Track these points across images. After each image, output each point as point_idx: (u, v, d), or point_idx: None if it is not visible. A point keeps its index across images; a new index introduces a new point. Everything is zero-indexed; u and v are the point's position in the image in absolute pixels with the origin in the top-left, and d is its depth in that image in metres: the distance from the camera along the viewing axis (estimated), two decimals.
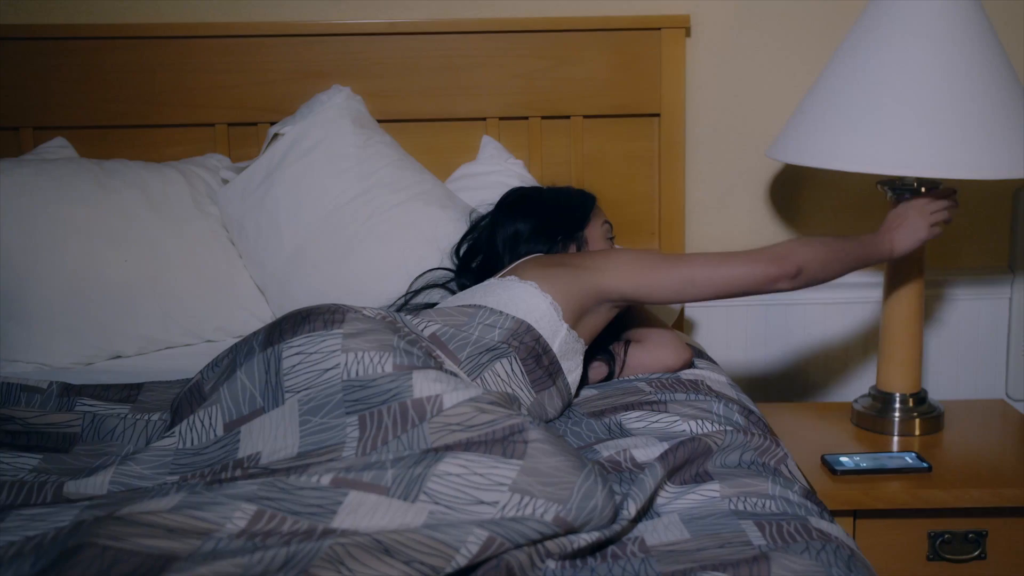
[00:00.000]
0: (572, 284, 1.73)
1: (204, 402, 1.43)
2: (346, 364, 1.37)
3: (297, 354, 1.40)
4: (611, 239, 2.01)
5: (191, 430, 1.40)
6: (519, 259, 1.88)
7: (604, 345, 1.90)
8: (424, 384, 1.34)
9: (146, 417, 1.60)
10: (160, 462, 1.37)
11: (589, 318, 1.77)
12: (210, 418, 1.40)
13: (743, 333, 2.50)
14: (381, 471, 1.20)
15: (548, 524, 1.18)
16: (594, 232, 1.97)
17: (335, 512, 1.15)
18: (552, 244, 1.92)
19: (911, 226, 1.97)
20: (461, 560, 1.10)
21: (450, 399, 1.32)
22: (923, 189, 2.05)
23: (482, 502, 1.19)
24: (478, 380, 1.56)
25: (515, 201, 2.01)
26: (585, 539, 1.20)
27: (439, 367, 1.41)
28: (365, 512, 1.16)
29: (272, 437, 1.35)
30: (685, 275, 1.75)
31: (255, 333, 1.47)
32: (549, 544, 1.17)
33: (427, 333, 1.58)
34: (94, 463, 1.47)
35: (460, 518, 1.17)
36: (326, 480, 1.18)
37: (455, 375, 1.41)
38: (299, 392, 1.37)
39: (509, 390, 1.59)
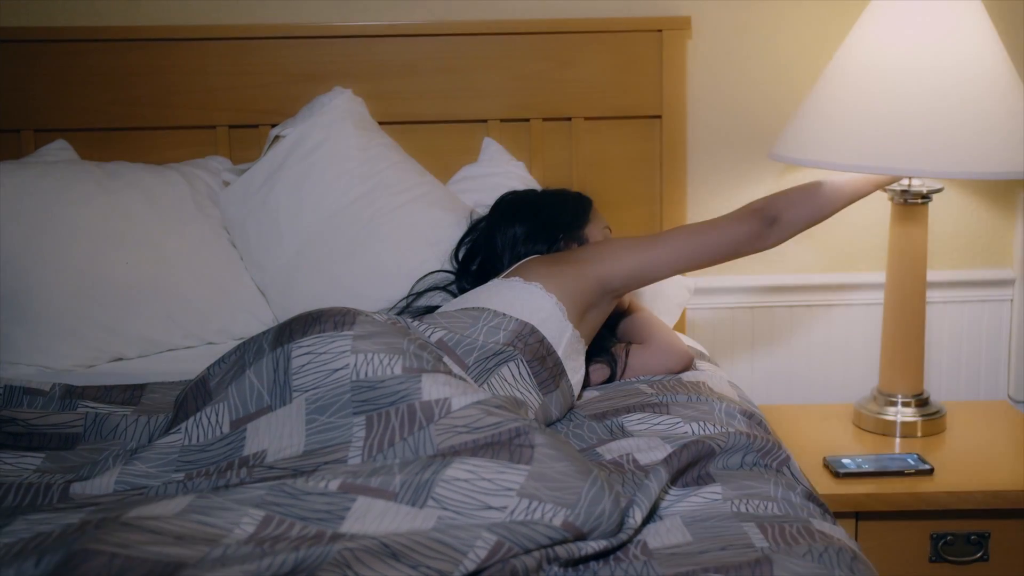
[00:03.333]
0: (575, 280, 1.73)
1: (211, 399, 1.43)
2: (355, 365, 1.37)
3: (307, 354, 1.40)
4: None
5: (197, 427, 1.40)
6: (519, 260, 1.88)
7: (603, 346, 1.90)
8: (433, 387, 1.34)
9: (147, 416, 1.60)
10: (166, 460, 1.37)
11: (591, 314, 1.78)
12: (217, 415, 1.40)
13: (745, 334, 2.50)
14: (389, 476, 1.20)
15: (557, 529, 1.18)
16: (594, 233, 1.97)
17: (343, 518, 1.15)
18: (553, 243, 1.92)
19: None
20: (469, 564, 1.10)
21: (458, 402, 1.32)
22: (924, 191, 2.06)
23: (490, 507, 1.19)
24: (485, 385, 1.56)
25: (512, 202, 2.01)
26: (593, 546, 1.20)
27: (448, 372, 1.41)
28: (373, 518, 1.16)
29: (278, 435, 1.36)
30: (678, 247, 1.80)
31: (264, 333, 1.47)
32: (558, 549, 1.17)
33: (434, 339, 1.58)
34: (98, 458, 1.47)
35: (468, 523, 1.17)
36: (334, 485, 1.18)
37: (463, 380, 1.41)
38: (307, 391, 1.37)
39: (517, 393, 1.59)
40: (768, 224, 1.82)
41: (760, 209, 1.84)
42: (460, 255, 2.04)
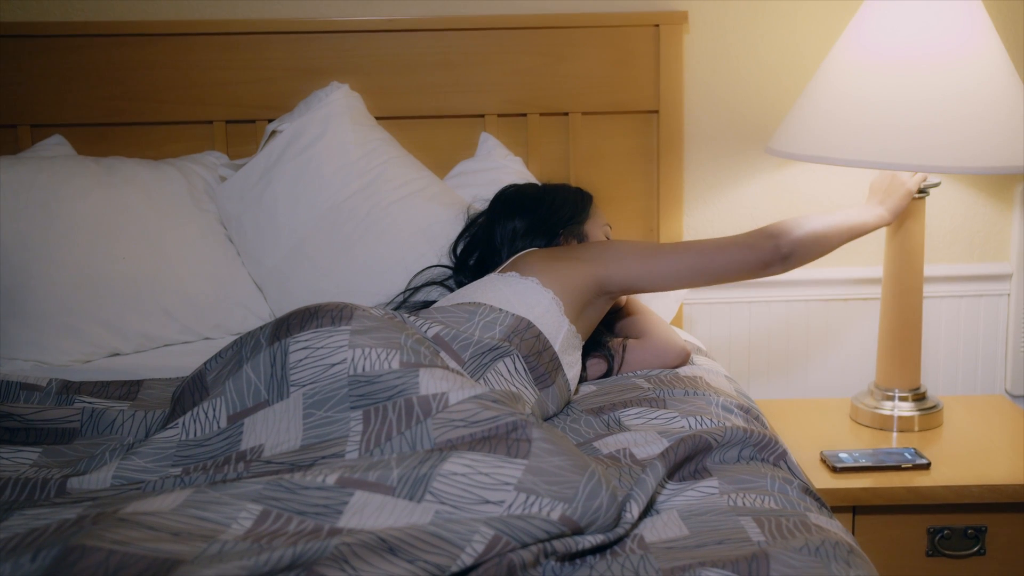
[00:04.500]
0: (573, 277, 1.73)
1: (208, 394, 1.43)
2: (353, 360, 1.37)
3: (304, 348, 1.40)
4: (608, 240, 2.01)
5: (195, 421, 1.40)
6: (518, 254, 1.88)
7: (600, 340, 1.90)
8: (431, 382, 1.34)
9: (144, 411, 1.59)
10: (163, 454, 1.37)
11: (589, 311, 1.77)
12: (214, 410, 1.40)
13: (742, 329, 2.50)
14: (387, 471, 1.20)
15: (554, 523, 1.17)
16: (595, 230, 1.97)
17: (341, 512, 1.15)
18: (552, 238, 1.92)
19: (895, 186, 2.01)
20: (467, 559, 1.10)
21: (456, 396, 1.32)
22: (922, 185, 2.06)
23: (488, 502, 1.19)
24: (481, 380, 1.56)
25: (512, 196, 2.00)
26: (590, 541, 1.20)
27: (445, 367, 1.41)
28: (371, 512, 1.16)
29: (275, 430, 1.36)
30: (682, 263, 1.78)
31: (261, 328, 1.47)
32: (556, 543, 1.17)
33: (430, 334, 1.58)
34: (95, 452, 1.47)
35: (466, 518, 1.17)
36: (331, 480, 1.18)
37: (461, 375, 1.41)
38: (304, 386, 1.37)
39: (513, 388, 1.59)
40: (781, 259, 1.80)
41: (775, 236, 1.80)
42: (458, 249, 2.04)
